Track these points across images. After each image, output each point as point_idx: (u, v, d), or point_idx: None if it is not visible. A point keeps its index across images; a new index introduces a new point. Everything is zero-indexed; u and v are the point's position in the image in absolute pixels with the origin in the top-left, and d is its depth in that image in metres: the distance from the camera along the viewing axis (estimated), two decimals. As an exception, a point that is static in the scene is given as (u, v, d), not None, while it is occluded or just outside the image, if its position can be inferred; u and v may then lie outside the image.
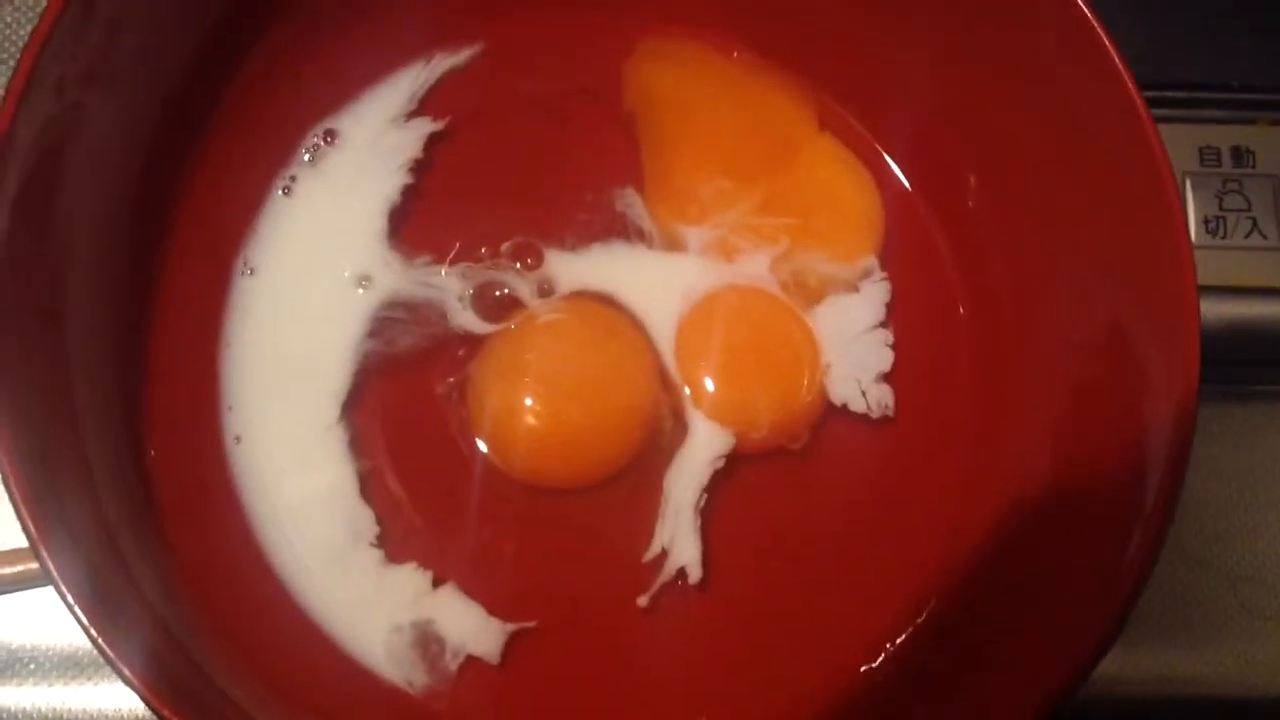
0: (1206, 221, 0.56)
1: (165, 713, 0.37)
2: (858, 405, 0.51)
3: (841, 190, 0.54)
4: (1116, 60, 0.43)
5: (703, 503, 0.49)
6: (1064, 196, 0.47)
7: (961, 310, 0.53)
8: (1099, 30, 0.43)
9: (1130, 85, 0.43)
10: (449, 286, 0.50)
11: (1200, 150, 0.57)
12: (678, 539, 0.49)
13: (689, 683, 0.49)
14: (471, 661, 0.48)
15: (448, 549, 0.49)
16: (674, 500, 0.49)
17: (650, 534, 0.49)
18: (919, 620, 0.49)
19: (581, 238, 0.52)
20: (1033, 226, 0.49)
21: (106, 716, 0.51)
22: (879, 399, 0.51)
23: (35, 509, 0.37)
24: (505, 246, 0.51)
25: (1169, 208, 0.42)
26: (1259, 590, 0.56)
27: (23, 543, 0.38)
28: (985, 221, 0.51)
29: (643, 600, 0.49)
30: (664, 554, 0.49)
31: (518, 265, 0.51)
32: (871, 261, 0.53)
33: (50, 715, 0.51)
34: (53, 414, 0.42)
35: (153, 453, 0.47)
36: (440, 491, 0.49)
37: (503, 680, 0.48)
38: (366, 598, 0.47)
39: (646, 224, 0.52)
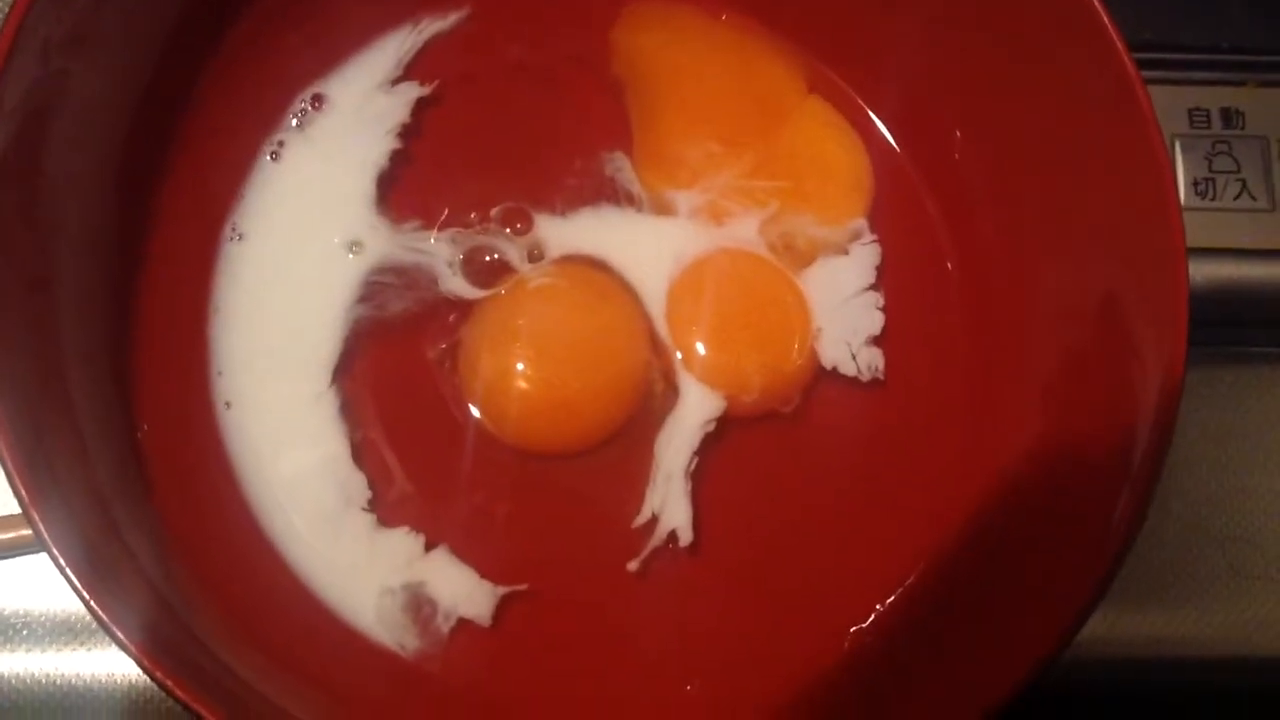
0: (1196, 184, 0.56)
1: (160, 677, 0.37)
2: (848, 368, 0.51)
3: (830, 153, 0.54)
4: (1106, 21, 0.43)
5: (693, 466, 0.49)
6: (1053, 158, 0.47)
7: (952, 273, 0.53)
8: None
9: (1120, 47, 0.43)
10: (439, 252, 0.50)
11: (1189, 112, 0.57)
12: (668, 503, 0.49)
13: (679, 646, 0.49)
14: (463, 625, 0.48)
15: (440, 513, 0.49)
16: (665, 465, 0.49)
17: (641, 499, 0.49)
18: (908, 582, 0.49)
19: (571, 202, 0.52)
20: (1022, 189, 0.49)
21: (100, 682, 0.51)
22: (869, 362, 0.51)
23: (28, 476, 0.37)
24: (494, 211, 0.51)
25: (1159, 171, 0.42)
26: (1248, 550, 0.56)
27: (13, 509, 0.38)
28: (974, 182, 0.51)
29: (633, 565, 0.49)
30: (654, 519, 0.49)
31: (507, 230, 0.51)
32: (861, 224, 0.53)
33: (44, 681, 0.51)
34: (44, 381, 0.42)
35: (144, 418, 0.47)
36: (432, 456, 0.49)
37: (494, 643, 0.48)
38: (358, 562, 0.47)
39: (636, 188, 0.52)
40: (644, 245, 0.51)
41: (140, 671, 0.38)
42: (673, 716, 0.49)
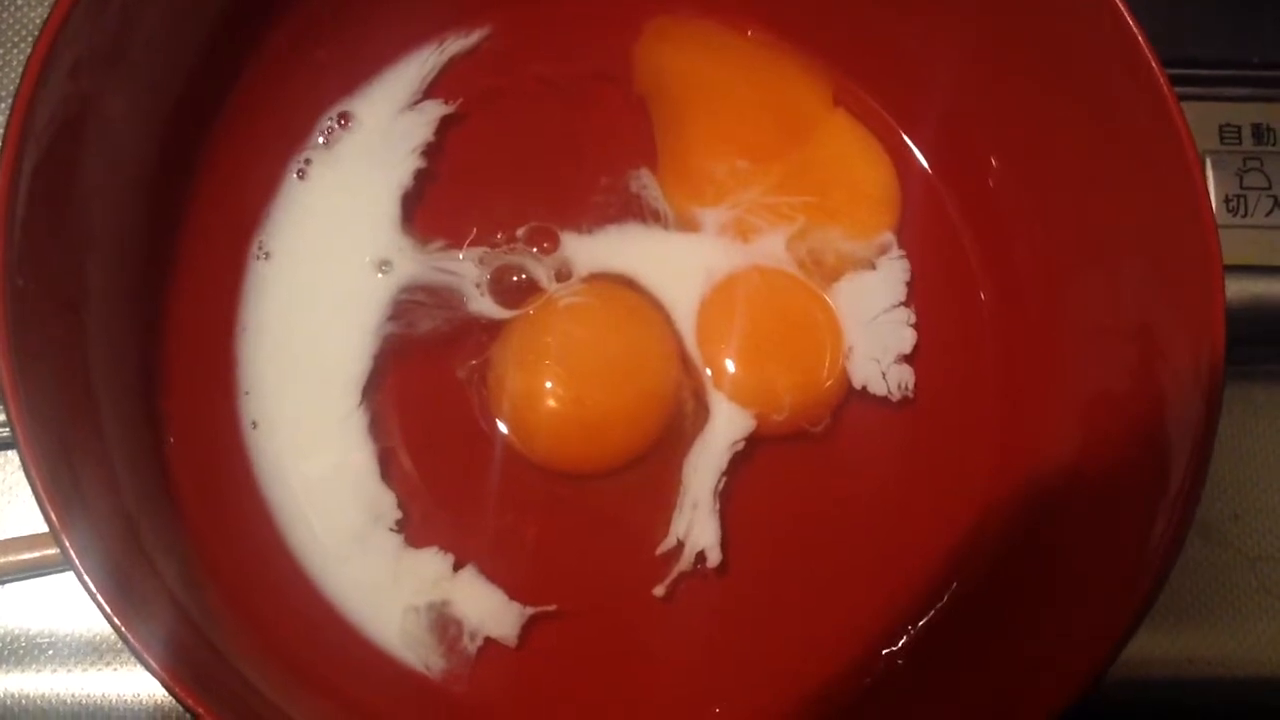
0: (1227, 200, 0.56)
1: (184, 698, 0.37)
2: (878, 387, 0.51)
3: (856, 165, 0.54)
4: (1141, 41, 0.43)
5: (722, 486, 0.49)
6: (1087, 178, 0.47)
7: (983, 292, 0.52)
8: (1124, 10, 0.43)
9: (1155, 66, 0.42)
10: (466, 272, 0.50)
11: (1220, 128, 0.56)
12: (695, 526, 0.49)
13: (707, 668, 0.49)
14: (490, 645, 0.48)
15: (468, 532, 0.48)
16: (693, 488, 0.49)
17: (668, 522, 0.49)
18: (940, 604, 0.49)
19: (597, 220, 0.52)
20: (1056, 209, 0.49)
21: (125, 702, 0.51)
22: (899, 380, 0.51)
23: (56, 497, 0.37)
24: (521, 231, 0.51)
25: (1194, 191, 0.42)
26: (1278, 570, 0.56)
27: (41, 528, 0.38)
28: (1007, 203, 0.51)
29: (659, 590, 0.48)
30: (680, 545, 0.49)
31: (534, 249, 0.51)
32: (888, 237, 0.52)
33: (69, 701, 0.51)
34: (72, 401, 0.41)
35: (171, 439, 0.47)
36: (461, 475, 0.49)
37: (521, 664, 0.48)
38: (386, 582, 0.47)
39: (662, 205, 0.52)
40: (671, 263, 0.51)
41: (164, 692, 0.37)
42: (700, 739, 0.48)
